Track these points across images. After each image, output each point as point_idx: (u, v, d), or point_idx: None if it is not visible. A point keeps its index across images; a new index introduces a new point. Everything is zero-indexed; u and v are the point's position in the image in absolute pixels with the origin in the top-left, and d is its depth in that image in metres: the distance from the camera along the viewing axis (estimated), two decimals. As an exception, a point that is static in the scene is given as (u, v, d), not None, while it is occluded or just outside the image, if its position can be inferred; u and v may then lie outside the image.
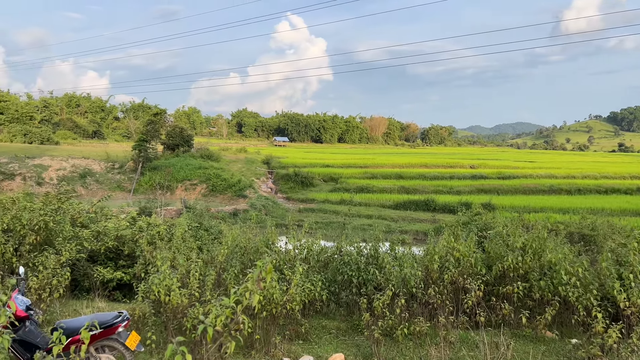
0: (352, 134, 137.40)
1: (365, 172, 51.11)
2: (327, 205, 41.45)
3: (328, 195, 43.74)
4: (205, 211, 29.48)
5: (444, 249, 8.06)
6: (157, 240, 11.81)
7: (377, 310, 7.02)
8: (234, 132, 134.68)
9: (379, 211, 38.63)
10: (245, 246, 9.81)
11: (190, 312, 7.06)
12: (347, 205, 40.32)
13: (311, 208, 41.38)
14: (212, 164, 52.63)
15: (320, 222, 36.80)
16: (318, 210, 40.42)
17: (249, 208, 38.93)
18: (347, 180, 47.39)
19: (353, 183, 46.55)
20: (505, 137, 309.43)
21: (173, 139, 56.30)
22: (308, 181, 47.64)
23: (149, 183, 49.42)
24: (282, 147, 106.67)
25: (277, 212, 39.72)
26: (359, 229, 36.04)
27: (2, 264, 9.11)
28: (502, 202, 38.23)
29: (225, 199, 46.28)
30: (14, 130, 75.05)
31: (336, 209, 39.99)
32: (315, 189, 47.11)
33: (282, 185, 48.34)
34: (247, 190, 45.73)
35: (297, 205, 43.28)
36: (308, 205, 42.50)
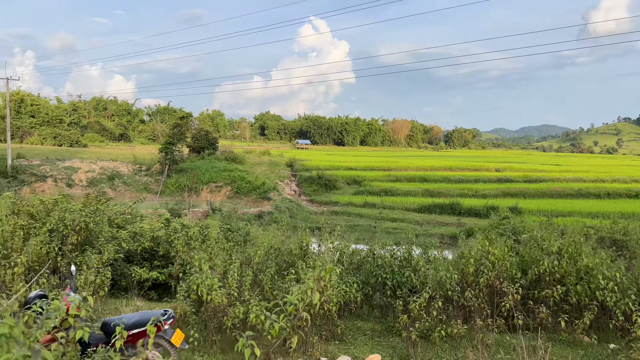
0: (375, 137, 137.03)
1: (388, 175, 51.02)
2: (351, 208, 41.51)
3: (352, 198, 43.81)
4: (233, 213, 29.85)
5: (479, 252, 8.08)
6: (192, 241, 12.11)
7: (413, 312, 7.10)
8: (256, 135, 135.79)
9: (403, 214, 38.53)
10: (279, 248, 10.00)
11: (231, 312, 7.26)
12: (372, 209, 40.33)
13: (335, 211, 41.50)
14: (237, 167, 53.24)
15: (344, 225, 36.90)
16: (342, 213, 40.52)
17: (274, 210, 39.26)
18: (370, 183, 47.37)
19: (377, 186, 46.50)
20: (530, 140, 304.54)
21: (198, 142, 57.16)
22: (331, 184, 47.79)
23: (175, 185, 50.28)
24: (304, 149, 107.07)
25: (301, 215, 39.96)
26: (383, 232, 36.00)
27: (46, 263, 9.47)
28: (529, 206, 37.70)
29: (250, 201, 46.75)
30: (44, 133, 77.21)
31: (360, 212, 40.03)
32: (338, 191, 47.24)
33: (306, 188, 48.59)
34: (271, 193, 46.12)
35: (320, 208, 43.46)
36: (332, 208, 42.64)
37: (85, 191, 47.85)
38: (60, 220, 9.81)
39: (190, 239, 11.89)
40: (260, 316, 7.01)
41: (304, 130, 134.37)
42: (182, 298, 7.83)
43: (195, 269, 9.01)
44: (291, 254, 10.14)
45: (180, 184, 50.32)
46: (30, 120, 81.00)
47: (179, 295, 8.02)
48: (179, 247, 11.90)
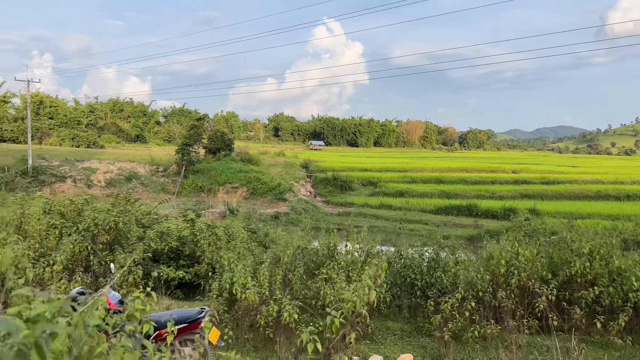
0: (388, 138, 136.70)
1: (404, 177, 50.89)
2: (367, 210, 41.49)
3: (367, 200, 43.78)
4: (253, 214, 30.06)
5: (509, 253, 8.09)
6: (218, 241, 12.26)
7: (445, 313, 7.14)
8: (270, 136, 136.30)
9: (419, 216, 38.41)
10: (306, 248, 10.09)
11: (264, 310, 7.37)
12: (388, 210, 40.30)
13: (351, 212, 41.51)
14: (253, 168, 53.52)
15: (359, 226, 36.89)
16: (358, 214, 40.50)
17: (290, 211, 39.41)
18: (386, 185, 47.28)
19: (392, 187, 46.41)
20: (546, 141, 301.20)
21: (214, 143, 57.59)
22: (347, 185, 47.82)
23: (192, 186, 50.71)
24: (318, 150, 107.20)
25: (317, 216, 40.04)
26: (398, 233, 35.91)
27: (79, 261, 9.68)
28: (547, 208, 37.34)
29: (266, 202, 46.97)
30: (63, 134, 78.40)
31: (376, 213, 40.00)
32: (354, 193, 47.23)
33: (321, 189, 48.67)
34: (287, 194, 46.27)
35: (336, 209, 43.51)
36: (347, 209, 42.65)
37: (104, 192, 48.48)
38: (91, 220, 10.01)
39: (218, 239, 12.05)
40: (293, 315, 7.11)
41: (318, 132, 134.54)
42: (214, 297, 7.96)
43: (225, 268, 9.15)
44: (318, 254, 10.23)
45: (196, 185, 50.75)
46: (49, 121, 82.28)
47: (211, 294, 8.14)
48: (205, 247, 12.06)
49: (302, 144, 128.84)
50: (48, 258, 7.74)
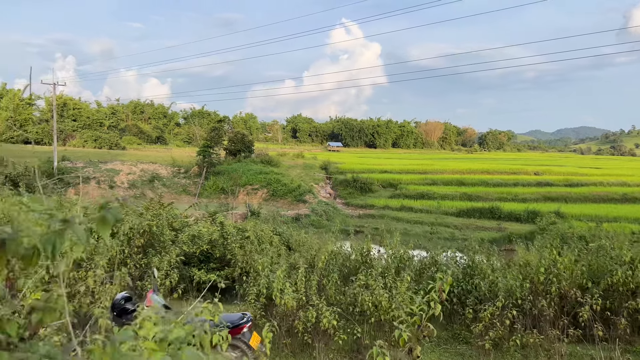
0: (407, 139, 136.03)
1: (425, 178, 50.59)
2: (388, 212, 41.37)
3: (388, 202, 43.63)
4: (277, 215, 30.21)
5: (547, 261, 8.00)
6: (248, 245, 12.36)
7: (484, 321, 7.10)
8: (288, 138, 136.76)
9: (441, 218, 38.15)
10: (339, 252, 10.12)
11: (302, 316, 7.41)
12: (409, 212, 40.13)
13: (371, 214, 41.45)
14: (272, 169, 53.78)
15: (381, 228, 36.80)
16: (378, 216, 40.41)
17: (310, 213, 39.49)
18: (406, 187, 47.07)
19: (413, 189, 46.19)
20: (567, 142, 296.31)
21: (235, 145, 58.01)
22: (367, 187, 47.73)
23: (213, 187, 51.16)
24: (336, 152, 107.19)
25: (338, 218, 40.02)
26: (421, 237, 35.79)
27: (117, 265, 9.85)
28: (571, 211, 36.75)
29: (286, 203, 47.14)
30: (85, 136, 79.81)
31: (397, 216, 39.87)
32: (374, 194, 47.12)
33: (341, 191, 48.67)
34: (307, 196, 46.38)
35: (356, 211, 43.46)
36: (368, 212, 42.59)
37: (126, 193, 49.22)
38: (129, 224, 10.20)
39: (249, 243, 12.15)
40: (332, 321, 7.14)
41: (336, 133, 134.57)
42: (252, 301, 8.04)
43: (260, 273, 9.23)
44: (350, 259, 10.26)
45: (217, 186, 51.19)
46: (73, 123, 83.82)
47: (248, 299, 8.22)
48: (236, 251, 12.16)
49: (320, 145, 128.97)
50: (90, 262, 7.91)
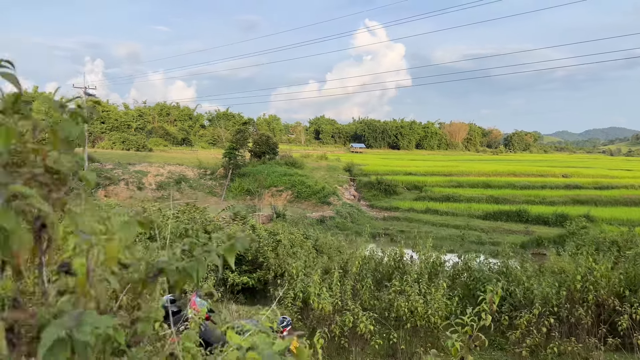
0: (431, 140, 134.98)
1: (450, 181, 50.20)
2: (412, 214, 41.23)
3: (413, 204, 43.46)
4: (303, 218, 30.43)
5: (584, 268, 7.98)
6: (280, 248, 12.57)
7: (521, 328, 7.14)
8: (311, 139, 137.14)
9: (467, 221, 37.80)
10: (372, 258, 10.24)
11: (339, 320, 7.57)
12: (435, 215, 39.94)
13: (396, 217, 41.38)
14: (297, 171, 54.11)
15: (407, 231, 36.74)
16: (403, 219, 40.32)
17: (335, 215, 39.63)
18: (431, 189, 46.81)
19: (438, 192, 45.90)
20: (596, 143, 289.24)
21: (259, 147, 58.57)
22: (391, 189, 47.62)
23: (238, 189, 51.77)
24: (359, 153, 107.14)
25: (362, 220, 40.09)
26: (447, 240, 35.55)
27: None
28: (601, 214, 36.01)
29: (310, 205, 47.37)
30: (114, 138, 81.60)
31: (422, 218, 39.69)
32: (398, 197, 46.99)
33: (365, 193, 48.68)
34: (331, 198, 46.53)
35: (381, 213, 43.43)
36: (392, 214, 42.53)
37: (154, 194, 50.20)
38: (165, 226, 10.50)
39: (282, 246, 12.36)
40: (369, 326, 7.27)
41: (359, 134, 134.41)
42: (289, 304, 8.22)
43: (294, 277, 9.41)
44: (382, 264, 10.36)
45: (243, 188, 51.79)
46: (101, 126, 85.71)
47: (285, 302, 8.41)
48: (268, 254, 12.39)
49: (343, 146, 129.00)
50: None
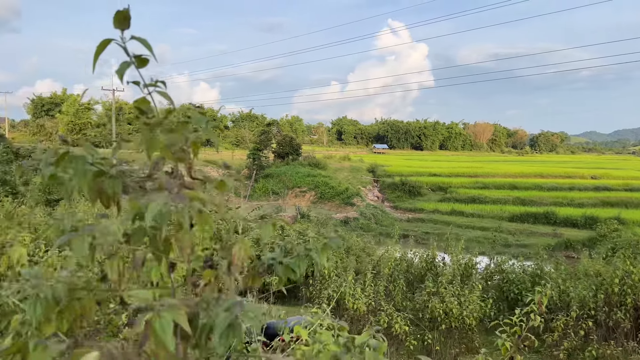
0: (455, 141, 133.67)
1: (475, 182, 49.66)
2: (437, 216, 40.94)
3: (437, 206, 43.16)
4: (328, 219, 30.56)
5: (621, 271, 7.89)
6: (310, 248, 12.68)
7: (557, 331, 7.11)
8: (334, 140, 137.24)
9: (493, 223, 37.33)
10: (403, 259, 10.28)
11: (374, 320, 7.65)
12: (460, 216, 39.60)
13: (420, 218, 41.15)
14: (320, 172, 54.29)
15: (432, 232, 36.53)
16: (428, 220, 40.08)
17: (359, 216, 39.64)
18: (456, 190, 46.40)
19: (463, 193, 45.48)
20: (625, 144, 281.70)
21: (283, 148, 58.96)
22: (415, 190, 47.36)
23: (262, 190, 52.21)
24: (381, 154, 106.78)
25: (386, 221, 40.02)
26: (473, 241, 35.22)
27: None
28: (632, 217, 35.21)
29: (334, 206, 47.47)
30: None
31: (447, 220, 39.33)
32: (423, 198, 46.71)
33: (389, 194, 48.53)
34: (355, 199, 46.55)
35: (405, 214, 43.26)
36: (417, 215, 42.31)
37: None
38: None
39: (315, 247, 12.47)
40: (404, 327, 7.34)
41: (381, 135, 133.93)
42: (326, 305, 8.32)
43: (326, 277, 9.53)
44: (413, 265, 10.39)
45: (267, 189, 52.21)
46: (128, 127, 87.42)
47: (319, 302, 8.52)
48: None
49: (366, 147, 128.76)
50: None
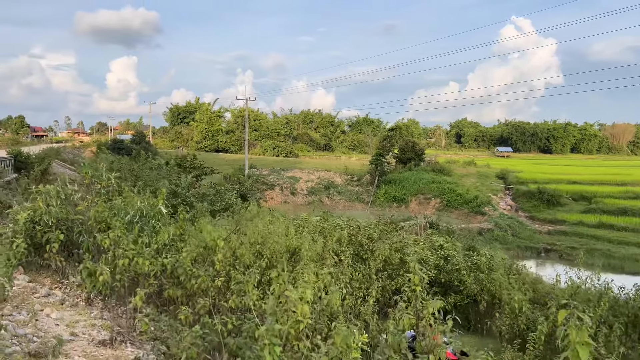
0: (589, 144, 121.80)
1: (625, 191, 44.35)
2: (582, 228, 37.22)
3: (581, 217, 39.25)
4: (466, 231, 29.26)
5: None
6: (478, 272, 11.93)
7: None
8: (452, 143, 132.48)
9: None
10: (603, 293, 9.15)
11: None
12: (610, 230, 35.61)
13: (562, 230, 37.70)
14: (445, 178, 52.43)
15: (577, 247, 33.27)
16: (571, 233, 36.60)
17: (493, 227, 37.39)
18: (603, 200, 41.80)
19: (611, 204, 40.83)
20: None
21: (405, 153, 57.97)
22: (554, 200, 43.53)
23: (385, 196, 51.75)
24: (505, 158, 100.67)
25: (524, 233, 37.32)
26: (628, 260, 31.50)
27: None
28: None
29: (461, 215, 45.46)
30: (265, 145, 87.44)
31: (595, 234, 35.63)
32: (563, 208, 42.82)
33: (524, 203, 45.25)
34: (485, 207, 44.14)
35: (543, 226, 39.97)
36: (557, 227, 38.85)
37: (305, 199, 52.43)
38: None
39: (478, 270, 11.76)
40: None
41: (505, 137, 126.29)
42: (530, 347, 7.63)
43: (514, 308, 8.76)
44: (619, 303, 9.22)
45: (389, 195, 51.66)
46: (254, 133, 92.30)
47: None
48: (465, 278, 11.83)
49: (487, 150, 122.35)
50: (359, 291, 8.33)
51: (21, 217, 6.79)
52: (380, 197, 51.87)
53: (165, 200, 7.77)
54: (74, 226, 7.15)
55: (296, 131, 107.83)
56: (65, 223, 7.10)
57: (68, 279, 7.05)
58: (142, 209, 7.34)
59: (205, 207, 12.94)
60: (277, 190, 52.68)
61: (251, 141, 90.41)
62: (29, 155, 32.86)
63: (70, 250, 7.41)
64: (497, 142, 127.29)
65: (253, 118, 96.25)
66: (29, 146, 51.67)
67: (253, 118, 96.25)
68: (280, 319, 3.38)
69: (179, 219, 7.98)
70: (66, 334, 4.68)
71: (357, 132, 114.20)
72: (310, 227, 12.43)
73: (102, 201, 7.05)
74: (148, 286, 5.41)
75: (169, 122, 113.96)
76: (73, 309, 5.47)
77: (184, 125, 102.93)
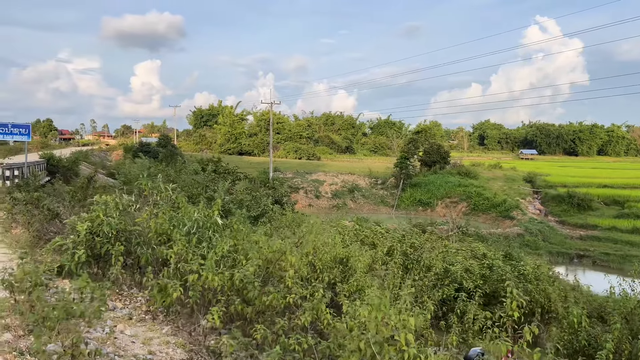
0: (617, 146, 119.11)
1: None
2: (615, 234, 36.28)
3: (614, 222, 38.27)
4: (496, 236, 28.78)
5: None
6: (525, 283, 11.65)
7: None
8: (475, 145, 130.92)
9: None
10: None
11: None
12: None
13: (595, 236, 36.81)
14: (472, 182, 51.75)
15: (611, 254, 32.50)
16: (605, 239, 35.71)
17: (524, 232, 36.70)
18: (637, 205, 40.71)
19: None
20: None
21: (430, 156, 57.44)
22: (585, 204, 42.57)
23: (410, 199, 51.28)
24: (529, 160, 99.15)
25: (555, 239, 36.56)
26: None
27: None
28: None
29: (489, 219, 44.79)
30: (288, 148, 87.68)
31: (629, 240, 34.69)
32: (594, 213, 41.82)
33: (553, 208, 44.36)
34: (514, 212, 43.39)
35: (574, 231, 39.08)
36: (589, 232, 37.96)
37: (330, 202, 52.31)
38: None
39: (526, 281, 11.47)
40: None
41: (529, 139, 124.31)
42: None
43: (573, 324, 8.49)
44: None
45: (415, 198, 51.18)
46: (277, 136, 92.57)
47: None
48: (510, 289, 11.49)
49: (511, 152, 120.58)
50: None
51: (82, 228, 6.82)
52: (405, 201, 51.43)
53: (220, 211, 7.74)
54: (132, 237, 7.16)
55: (318, 134, 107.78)
56: (124, 234, 7.12)
57: (126, 290, 7.07)
58: (198, 220, 7.32)
59: (244, 214, 12.91)
60: (302, 194, 52.63)
61: (274, 144, 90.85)
62: (61, 158, 33.52)
63: (127, 262, 7.43)
64: (521, 144, 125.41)
65: (275, 121, 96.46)
66: (58, 149, 52.68)
67: (275, 121, 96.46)
68: (383, 348, 3.26)
69: (233, 229, 7.94)
70: (143, 352, 4.65)
71: (378, 135, 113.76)
72: (352, 235, 12.29)
73: (161, 213, 7.04)
74: (216, 302, 5.35)
75: (192, 125, 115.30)
76: (143, 324, 5.45)
77: (207, 128, 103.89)
